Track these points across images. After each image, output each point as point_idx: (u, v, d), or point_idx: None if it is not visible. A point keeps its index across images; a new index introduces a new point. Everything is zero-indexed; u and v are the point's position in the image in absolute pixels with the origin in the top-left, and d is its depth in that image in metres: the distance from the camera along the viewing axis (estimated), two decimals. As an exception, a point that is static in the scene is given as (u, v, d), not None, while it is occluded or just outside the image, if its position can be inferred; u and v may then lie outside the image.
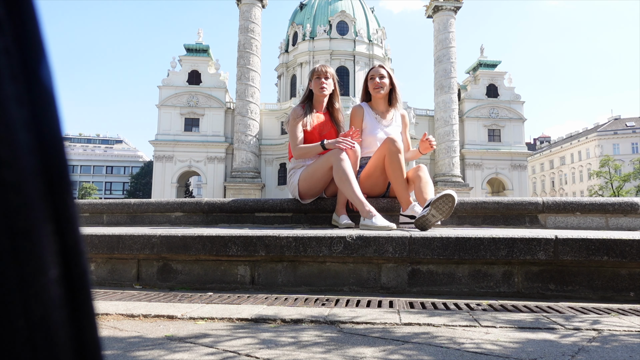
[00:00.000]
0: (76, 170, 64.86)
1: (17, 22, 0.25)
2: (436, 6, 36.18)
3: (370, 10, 46.90)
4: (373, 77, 3.40)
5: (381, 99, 3.43)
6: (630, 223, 3.23)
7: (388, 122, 3.43)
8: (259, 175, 35.17)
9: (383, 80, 3.37)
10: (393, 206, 3.23)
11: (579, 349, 1.27)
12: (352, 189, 2.89)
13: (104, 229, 2.91)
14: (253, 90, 34.40)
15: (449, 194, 2.65)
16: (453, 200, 2.65)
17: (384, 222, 2.69)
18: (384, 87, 3.38)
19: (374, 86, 3.38)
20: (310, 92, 3.36)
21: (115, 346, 1.31)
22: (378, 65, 3.49)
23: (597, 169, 43.78)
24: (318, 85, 3.30)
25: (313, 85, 3.33)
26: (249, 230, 2.59)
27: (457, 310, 1.82)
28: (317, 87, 3.30)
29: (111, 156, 69.33)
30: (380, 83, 3.36)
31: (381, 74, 3.40)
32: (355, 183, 2.92)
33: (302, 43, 44.14)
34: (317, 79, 3.31)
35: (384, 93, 3.40)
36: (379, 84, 3.36)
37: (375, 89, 3.38)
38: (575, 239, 2.13)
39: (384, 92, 3.39)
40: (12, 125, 0.24)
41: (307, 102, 3.36)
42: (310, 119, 3.29)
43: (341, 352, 1.26)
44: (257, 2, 35.39)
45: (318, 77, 3.31)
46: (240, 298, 2.12)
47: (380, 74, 3.40)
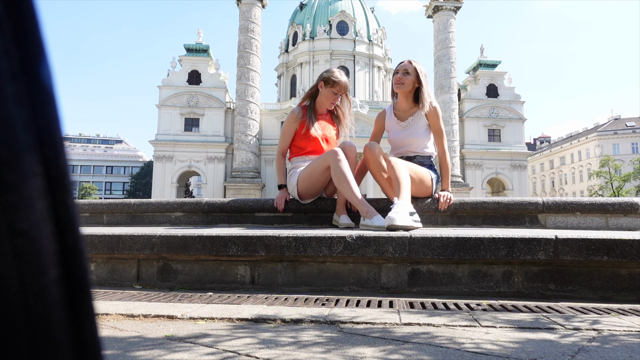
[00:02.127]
0: (76, 170, 64.85)
1: (17, 22, 0.25)
2: (436, 6, 36.17)
3: (370, 10, 46.90)
4: (397, 72, 3.18)
5: (403, 97, 3.20)
6: (630, 223, 3.23)
7: (406, 124, 3.23)
8: (259, 175, 35.16)
9: (405, 77, 3.13)
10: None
11: (579, 349, 1.27)
12: (351, 189, 2.87)
13: (104, 229, 2.91)
14: (253, 90, 34.39)
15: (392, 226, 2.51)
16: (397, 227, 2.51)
17: (383, 222, 2.68)
18: (405, 84, 3.12)
19: (395, 81, 3.17)
20: (316, 91, 3.29)
21: (115, 346, 1.31)
22: (407, 61, 3.22)
23: (597, 169, 43.78)
24: (330, 99, 3.24)
25: (325, 92, 3.23)
26: (249, 230, 2.59)
27: (457, 310, 1.82)
28: (329, 100, 3.24)
29: (111, 156, 69.33)
30: (401, 79, 3.13)
31: (405, 69, 3.15)
32: (353, 183, 2.90)
33: (302, 43, 44.15)
34: (334, 94, 3.22)
35: (404, 90, 3.15)
36: (399, 80, 3.14)
37: (396, 84, 3.16)
38: (575, 239, 2.13)
39: (404, 90, 3.14)
40: (12, 125, 0.24)
41: (310, 101, 3.33)
42: (312, 123, 3.25)
43: (341, 352, 1.26)
44: (257, 2, 35.38)
45: (335, 92, 3.21)
46: (240, 298, 2.12)
47: (404, 69, 3.16)
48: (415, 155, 3.26)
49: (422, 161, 3.25)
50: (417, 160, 3.24)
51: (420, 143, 3.23)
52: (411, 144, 3.24)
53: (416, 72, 3.14)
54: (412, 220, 2.60)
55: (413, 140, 3.22)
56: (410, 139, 3.23)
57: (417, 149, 3.25)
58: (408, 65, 3.16)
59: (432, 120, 3.21)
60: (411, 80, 3.13)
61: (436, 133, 3.24)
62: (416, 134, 3.22)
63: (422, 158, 3.26)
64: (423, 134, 3.23)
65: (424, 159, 3.27)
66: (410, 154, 3.27)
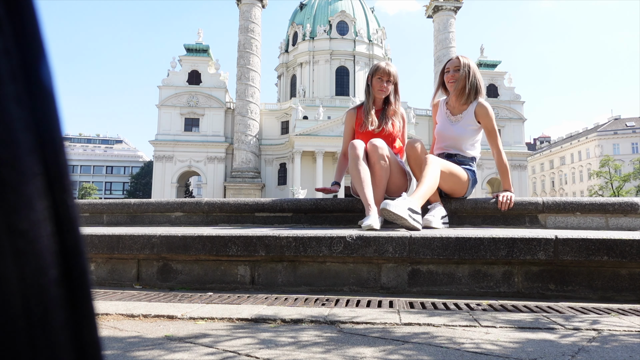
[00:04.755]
0: (76, 170, 64.87)
1: (17, 22, 0.25)
2: (436, 6, 36.18)
3: (370, 10, 46.89)
4: (448, 70, 3.14)
5: (454, 94, 3.13)
6: (630, 223, 3.23)
7: (456, 119, 3.16)
8: (259, 175, 35.18)
9: (457, 74, 3.09)
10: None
11: (578, 349, 1.27)
12: (361, 186, 2.84)
13: (104, 229, 2.91)
14: (253, 90, 34.41)
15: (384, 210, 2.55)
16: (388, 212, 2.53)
17: (366, 222, 2.59)
18: (458, 82, 3.08)
19: (447, 79, 3.14)
20: (368, 86, 3.29)
21: (115, 346, 1.31)
22: (456, 57, 3.16)
23: (597, 169, 43.81)
24: (378, 86, 3.22)
25: (373, 84, 3.24)
26: (249, 230, 2.59)
27: (457, 310, 1.82)
28: (377, 87, 3.23)
29: (111, 156, 69.36)
30: (453, 76, 3.10)
31: (457, 66, 3.10)
32: (365, 180, 2.85)
33: (302, 43, 44.15)
34: (379, 80, 3.21)
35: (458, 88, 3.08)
36: (452, 78, 3.10)
37: (449, 82, 3.13)
38: (575, 239, 2.13)
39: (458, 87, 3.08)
40: (12, 125, 0.24)
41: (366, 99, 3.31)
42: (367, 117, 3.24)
43: (341, 352, 1.26)
44: (257, 2, 35.40)
45: (380, 77, 3.21)
46: (240, 298, 2.12)
47: (455, 66, 3.11)
48: (457, 153, 3.19)
49: (462, 160, 3.18)
50: (457, 159, 3.17)
51: (464, 142, 3.17)
52: (455, 140, 3.18)
53: (467, 67, 3.08)
54: (408, 215, 2.52)
55: (457, 137, 3.16)
56: (456, 135, 3.17)
57: (461, 147, 3.18)
58: (458, 62, 3.11)
59: (484, 120, 3.11)
60: (463, 77, 3.07)
61: (489, 133, 3.14)
62: (463, 131, 3.15)
63: (463, 158, 3.19)
64: (469, 134, 3.16)
65: (465, 159, 3.19)
66: (451, 151, 3.20)
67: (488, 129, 3.14)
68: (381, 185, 2.94)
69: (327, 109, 36.99)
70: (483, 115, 3.10)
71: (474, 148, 3.23)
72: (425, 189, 2.77)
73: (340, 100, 39.32)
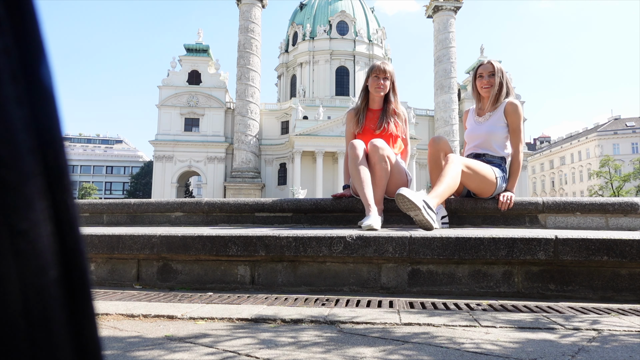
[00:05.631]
0: (76, 170, 64.87)
1: (17, 22, 0.25)
2: (436, 6, 36.17)
3: (370, 10, 46.89)
4: (482, 76, 3.18)
5: (487, 98, 3.18)
6: (630, 223, 3.23)
7: (483, 119, 3.20)
8: (259, 175, 35.17)
9: (492, 79, 3.13)
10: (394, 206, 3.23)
11: (578, 349, 1.27)
12: (361, 187, 2.85)
13: (104, 229, 2.91)
14: (253, 90, 34.40)
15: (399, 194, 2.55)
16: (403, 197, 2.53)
17: (366, 222, 2.59)
18: (493, 87, 3.12)
19: (483, 85, 3.17)
20: (367, 88, 3.30)
21: (115, 346, 1.31)
22: (488, 62, 3.22)
23: (597, 169, 43.80)
24: (375, 84, 3.24)
25: (370, 82, 3.26)
26: (249, 230, 2.59)
27: (457, 310, 1.82)
28: (374, 86, 3.24)
29: (111, 156, 69.35)
30: (489, 82, 3.14)
31: (490, 71, 3.15)
32: (365, 181, 2.86)
33: (302, 43, 44.15)
34: (376, 78, 3.23)
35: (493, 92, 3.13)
36: (487, 83, 3.14)
37: (484, 88, 3.17)
38: (575, 239, 2.13)
39: (493, 92, 3.13)
40: (12, 125, 0.24)
41: (364, 100, 3.32)
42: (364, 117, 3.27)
43: (341, 352, 1.26)
44: (257, 2, 35.39)
45: (376, 75, 3.23)
46: (240, 298, 2.12)
47: (489, 71, 3.15)
48: (485, 153, 3.16)
49: (491, 160, 3.13)
50: (485, 159, 3.14)
51: (492, 140, 3.14)
52: (483, 139, 3.16)
53: (500, 71, 3.14)
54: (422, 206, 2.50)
55: (485, 135, 3.15)
56: (483, 132, 3.16)
57: (490, 145, 3.15)
58: (492, 67, 3.15)
59: (511, 117, 3.11)
60: (497, 81, 3.11)
61: (513, 131, 3.14)
62: (491, 128, 3.14)
63: (492, 157, 3.14)
64: (498, 132, 3.13)
65: (494, 158, 3.14)
66: (479, 151, 3.18)
67: (513, 127, 3.13)
68: (381, 186, 2.94)
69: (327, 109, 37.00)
70: (511, 112, 3.10)
71: (505, 147, 3.17)
72: (443, 187, 2.73)
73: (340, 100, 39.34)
